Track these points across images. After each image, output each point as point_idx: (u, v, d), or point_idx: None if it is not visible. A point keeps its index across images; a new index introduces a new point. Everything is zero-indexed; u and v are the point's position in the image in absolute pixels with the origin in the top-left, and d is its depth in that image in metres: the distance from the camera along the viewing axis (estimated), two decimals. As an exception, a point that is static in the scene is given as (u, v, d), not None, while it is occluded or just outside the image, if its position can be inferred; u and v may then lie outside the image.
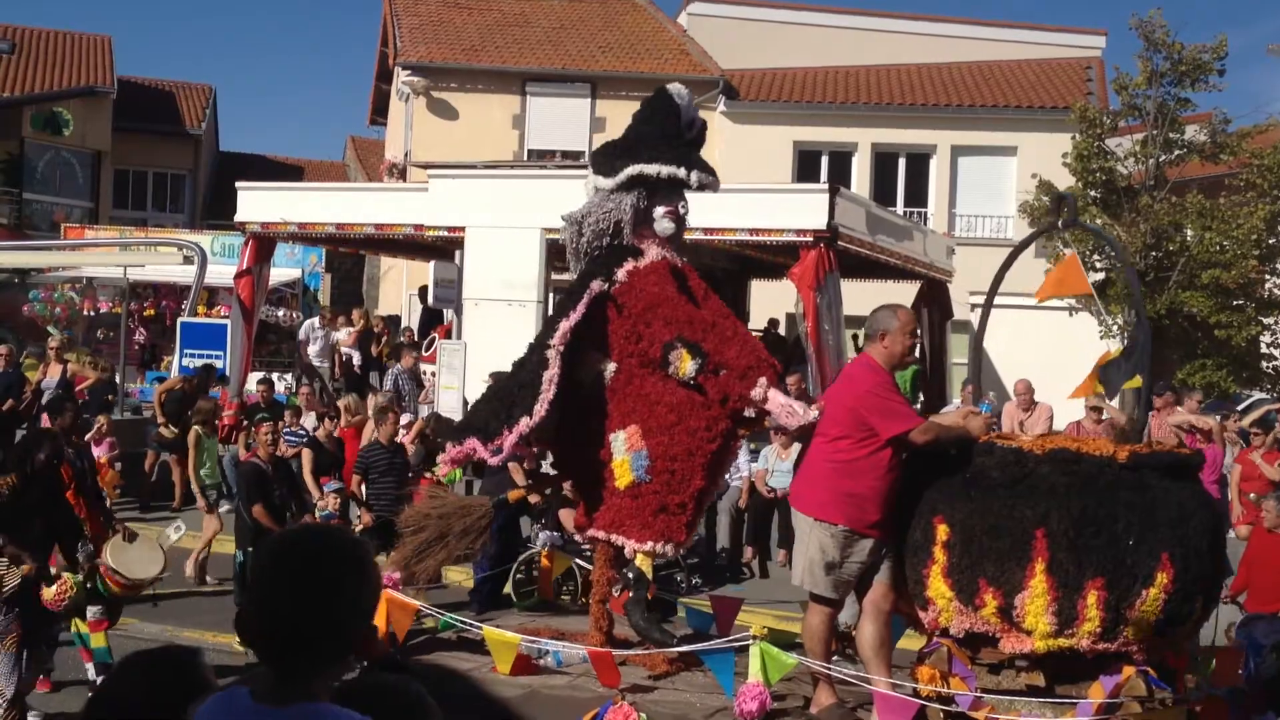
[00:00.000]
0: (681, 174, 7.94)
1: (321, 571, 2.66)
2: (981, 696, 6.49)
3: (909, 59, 31.85)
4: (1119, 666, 6.39)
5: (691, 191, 8.16)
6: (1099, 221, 22.02)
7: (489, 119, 30.37)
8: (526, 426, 7.45)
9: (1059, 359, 18.32)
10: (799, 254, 15.97)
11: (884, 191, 29.18)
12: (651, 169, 7.89)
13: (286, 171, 40.12)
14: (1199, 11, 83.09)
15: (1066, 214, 9.00)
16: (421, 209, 17.54)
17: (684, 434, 7.41)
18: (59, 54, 35.33)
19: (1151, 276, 21.46)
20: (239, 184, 19.37)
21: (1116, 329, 21.82)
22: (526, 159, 28.85)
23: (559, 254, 18.93)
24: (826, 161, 30.05)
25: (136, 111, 35.98)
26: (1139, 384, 8.38)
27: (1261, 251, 21.47)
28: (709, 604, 9.19)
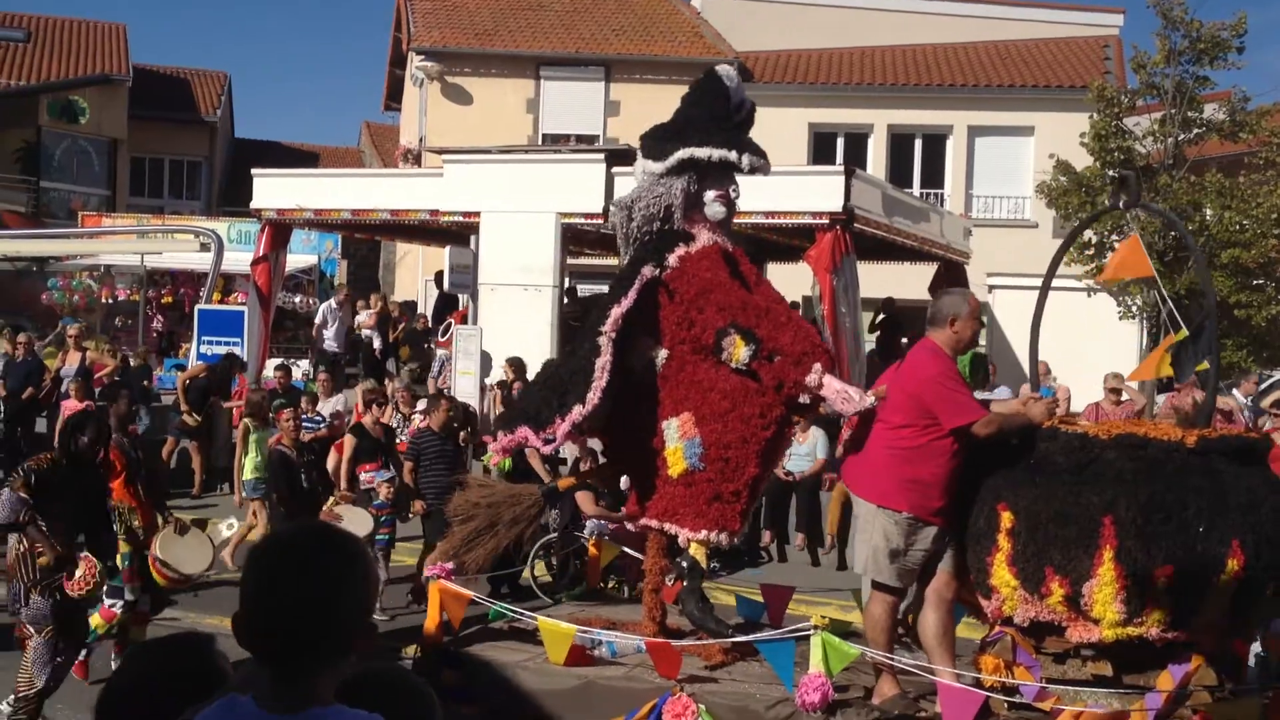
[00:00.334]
0: (732, 157, 7.87)
1: (316, 570, 2.62)
2: (1047, 686, 6.41)
3: (925, 39, 31.70)
4: (1188, 655, 6.31)
5: (742, 175, 8.08)
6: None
7: (503, 103, 30.34)
8: (580, 415, 7.35)
9: (1076, 340, 18.26)
10: (815, 236, 15.94)
11: (900, 173, 29.07)
12: (702, 152, 7.79)
13: (302, 158, 40.20)
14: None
15: (1129, 195, 8.79)
16: (437, 194, 17.55)
17: (738, 421, 7.32)
18: (74, 43, 35.44)
19: (1170, 257, 21.31)
20: (255, 171, 19.41)
21: (1135, 310, 21.72)
22: (541, 143, 28.81)
23: (574, 238, 19.09)
24: (842, 143, 29.95)
25: (152, 99, 36.07)
26: (1207, 367, 8.28)
27: (1282, 230, 21.33)
28: (759, 593, 9.10)
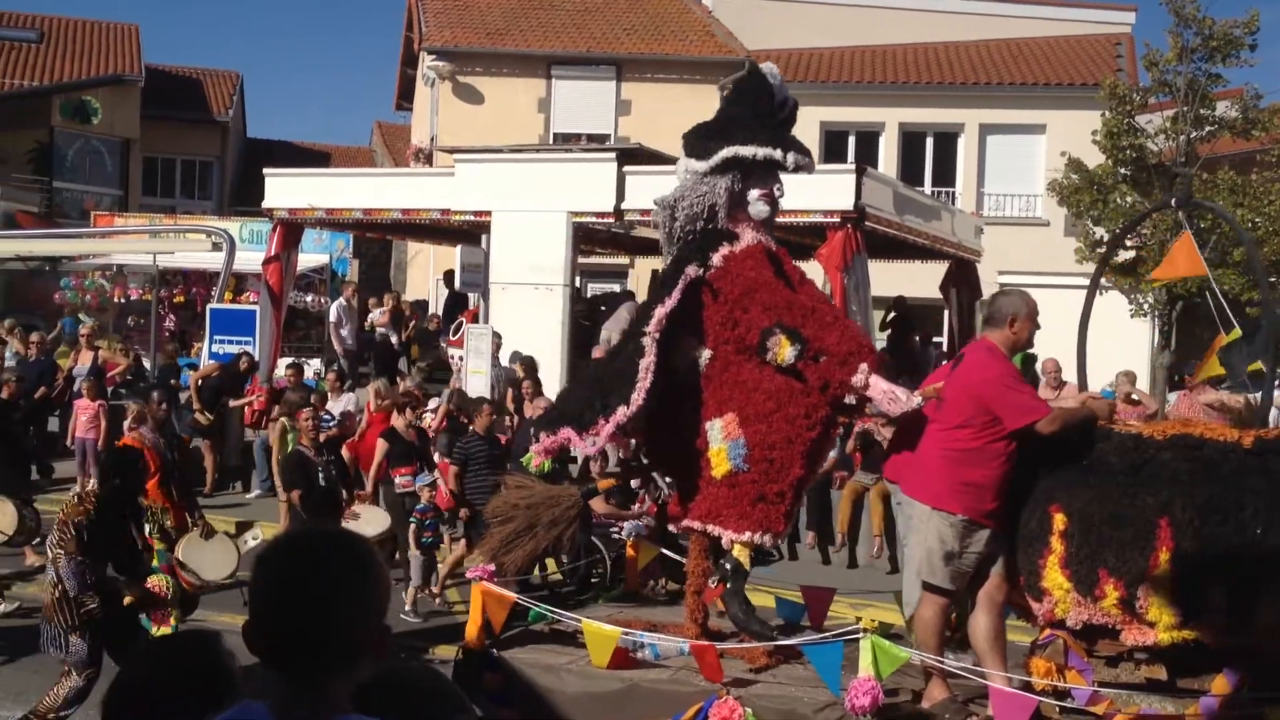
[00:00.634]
0: (777, 155, 7.68)
1: (324, 574, 2.59)
2: (1099, 690, 6.34)
3: (936, 37, 31.67)
4: (1244, 659, 6.18)
5: (786, 173, 7.92)
6: (1128, 200, 21.88)
7: (514, 103, 30.37)
8: (624, 416, 7.24)
9: (1089, 338, 18.19)
10: (826, 235, 15.93)
11: (911, 171, 29.03)
12: (747, 151, 7.64)
13: (313, 157, 40.26)
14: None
15: (1180, 192, 8.66)
16: (448, 193, 17.56)
17: (783, 421, 7.20)
18: (87, 43, 35.54)
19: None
20: (266, 170, 19.43)
21: (1147, 308, 21.70)
22: (552, 142, 28.82)
23: (585, 237, 19.10)
24: (853, 141, 29.94)
25: (164, 99, 36.14)
26: (1260, 367, 8.19)
27: (1294, 228, 21.29)
28: (799, 594, 8.99)
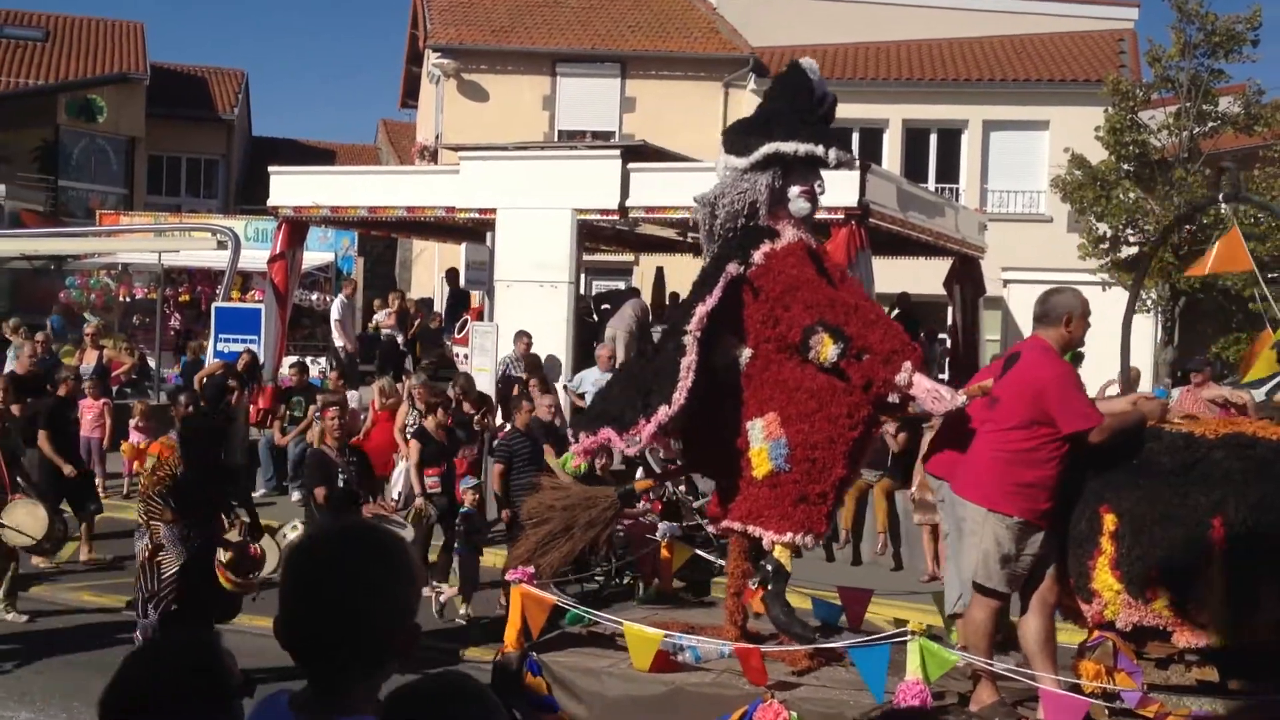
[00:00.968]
0: (819, 151, 7.62)
1: (349, 571, 2.60)
2: (1149, 693, 6.27)
3: (939, 34, 31.68)
4: None
5: (828, 169, 7.89)
6: (1131, 196, 21.88)
7: (519, 100, 30.40)
8: (666, 416, 7.15)
9: (1091, 334, 18.17)
10: (830, 231, 15.94)
11: (915, 168, 29.04)
12: (788, 147, 7.55)
13: (318, 155, 40.28)
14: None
15: (1229, 187, 8.56)
16: (453, 191, 17.58)
17: (825, 421, 7.13)
18: (92, 41, 35.59)
19: (1185, 250, 21.30)
20: (271, 169, 19.45)
21: (1150, 304, 21.70)
22: (557, 139, 28.85)
23: (590, 234, 19.11)
24: (857, 138, 29.93)
25: (169, 98, 36.18)
26: None
27: (1297, 224, 21.29)
28: (836, 595, 8.85)
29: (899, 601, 11.21)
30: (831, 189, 16.63)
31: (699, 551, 10.25)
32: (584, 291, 21.33)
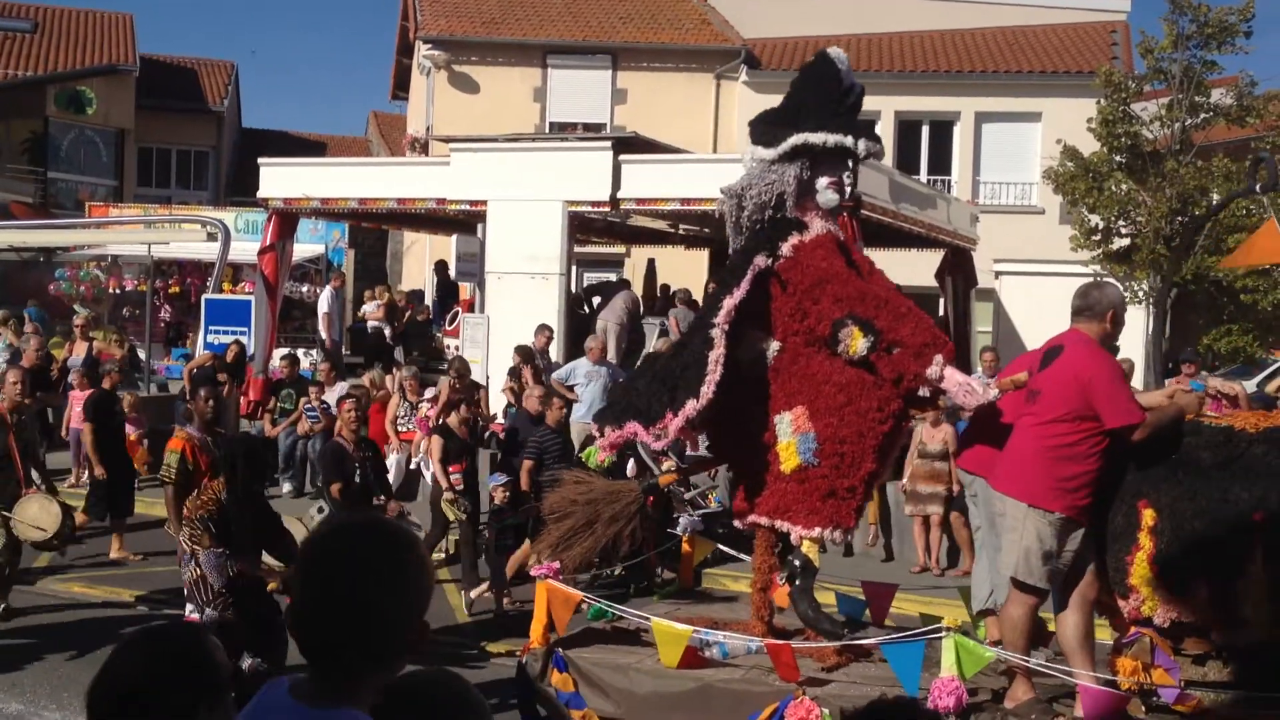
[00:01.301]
0: (848, 142, 7.51)
1: (363, 567, 2.60)
2: (1187, 689, 6.21)
3: (932, 25, 31.64)
4: None
5: (857, 161, 7.76)
6: (1124, 187, 21.88)
7: (510, 92, 30.33)
8: (694, 410, 7.07)
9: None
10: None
11: (907, 159, 29.02)
12: (817, 138, 7.45)
13: (309, 147, 40.22)
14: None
15: (1266, 177, 8.40)
16: (443, 183, 17.54)
17: (854, 415, 7.05)
18: (81, 32, 35.47)
19: (1177, 241, 21.31)
20: (261, 160, 19.39)
21: (1142, 295, 21.70)
22: (548, 131, 28.80)
23: (581, 226, 19.07)
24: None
25: (159, 89, 36.12)
26: None
27: (1289, 215, 21.31)
28: (860, 590, 8.75)
29: (913, 595, 11.13)
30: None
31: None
32: (575, 283, 21.31)
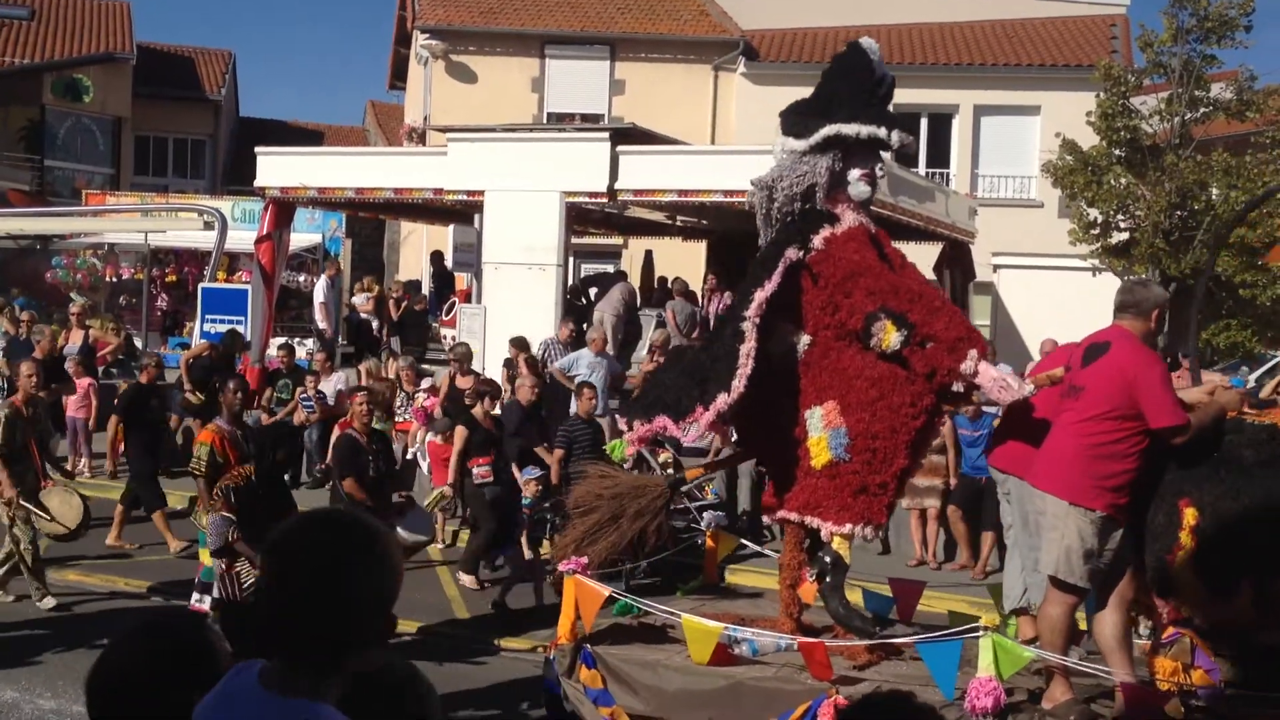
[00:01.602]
0: (882, 134, 7.46)
1: (330, 561, 2.58)
2: (1227, 691, 6.15)
3: (931, 17, 31.59)
4: None
5: (889, 152, 7.73)
6: (1123, 181, 21.86)
7: (508, 82, 30.28)
8: (725, 404, 6.98)
9: (1081, 319, 18.16)
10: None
11: (905, 152, 28.94)
12: (850, 129, 7.39)
13: (306, 136, 40.12)
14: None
15: None
16: (441, 173, 17.49)
17: (886, 410, 6.98)
18: (78, 20, 35.37)
19: (1176, 236, 21.29)
20: (258, 149, 19.33)
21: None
22: (546, 122, 28.75)
23: (578, 217, 19.03)
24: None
25: (156, 77, 36.03)
26: None
27: (1288, 210, 21.31)
28: (888, 587, 8.65)
29: (936, 593, 11.05)
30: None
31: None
32: (572, 274, 21.26)
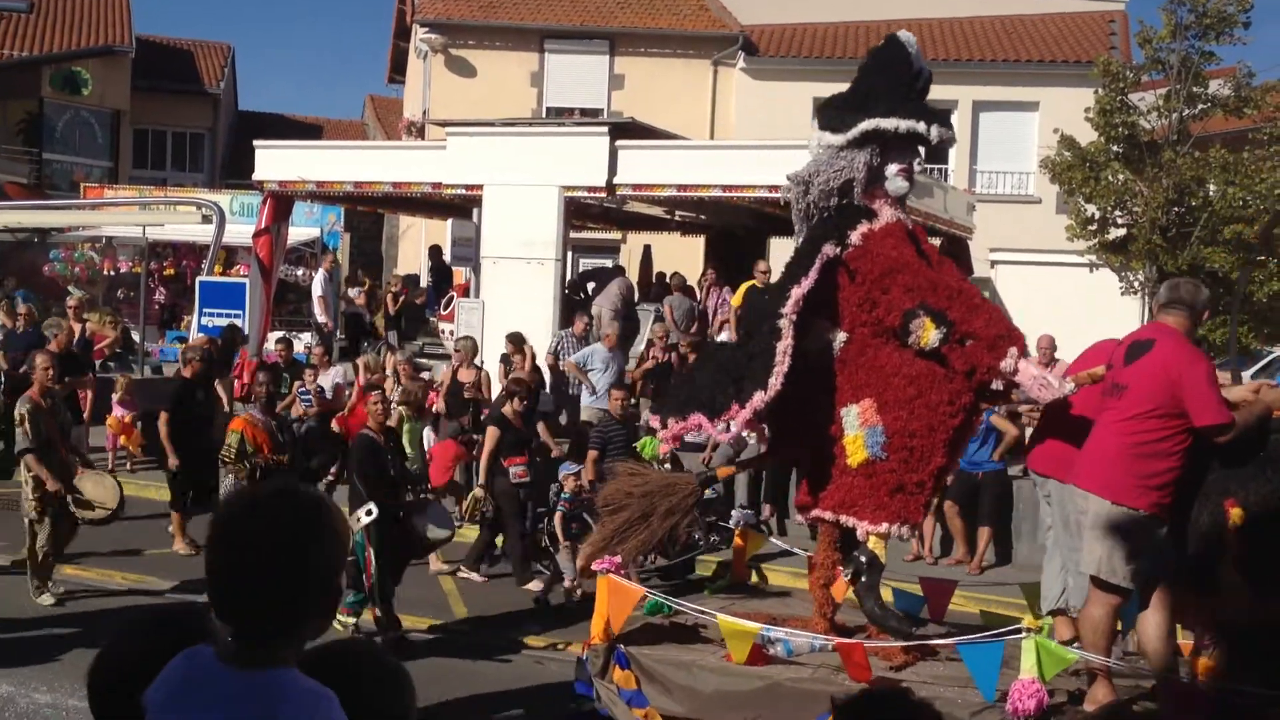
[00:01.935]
0: (921, 128, 7.40)
1: (272, 535, 2.60)
2: (1271, 692, 6.04)
3: (929, 13, 31.54)
4: None
5: (928, 147, 7.64)
6: (1120, 177, 21.86)
7: (507, 76, 30.26)
8: (761, 402, 6.93)
9: (1078, 315, 18.22)
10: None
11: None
12: (889, 123, 7.32)
13: (305, 130, 40.08)
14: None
15: None
16: (439, 167, 17.49)
17: (924, 408, 6.92)
18: (77, 13, 35.30)
19: (1173, 232, 21.27)
20: (257, 142, 19.34)
21: (1138, 285, 21.68)
22: (545, 116, 28.74)
23: (577, 212, 19.03)
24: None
25: (155, 71, 35.98)
26: None
27: (1285, 206, 21.30)
28: (919, 586, 8.58)
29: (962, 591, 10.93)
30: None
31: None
32: (570, 269, 21.28)
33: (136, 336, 21.75)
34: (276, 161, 18.79)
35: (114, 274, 25.73)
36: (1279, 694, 6.08)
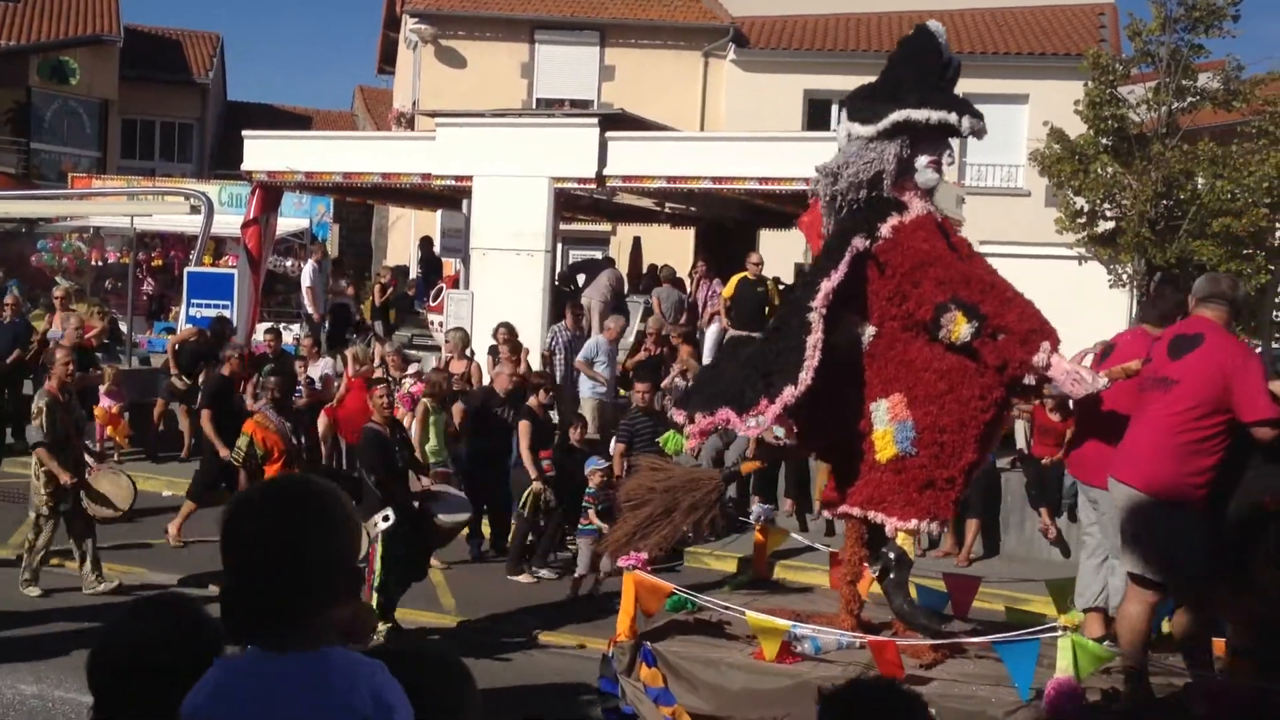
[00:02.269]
0: (952, 119, 7.26)
1: (283, 517, 2.65)
2: None
3: (920, 6, 31.38)
4: None
5: (959, 139, 7.55)
6: (1109, 170, 21.88)
7: (497, 67, 30.22)
8: (791, 396, 6.77)
9: (1068, 308, 18.17)
10: (809, 203, 15.87)
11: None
12: (920, 114, 7.19)
13: (294, 121, 39.97)
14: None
15: None
16: (429, 158, 17.46)
17: (955, 403, 6.82)
18: (65, 2, 35.16)
19: (1162, 225, 21.30)
20: (245, 133, 19.27)
21: (1126, 277, 21.71)
22: (535, 107, 28.69)
23: (567, 203, 19.01)
24: (837, 110, 29.80)
25: (144, 60, 35.88)
26: None
27: (1273, 199, 21.30)
28: (942, 582, 8.50)
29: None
30: (811, 161, 16.49)
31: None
32: (560, 261, 21.26)
33: (124, 327, 21.69)
34: (265, 152, 18.74)
35: (102, 264, 25.65)
36: None
